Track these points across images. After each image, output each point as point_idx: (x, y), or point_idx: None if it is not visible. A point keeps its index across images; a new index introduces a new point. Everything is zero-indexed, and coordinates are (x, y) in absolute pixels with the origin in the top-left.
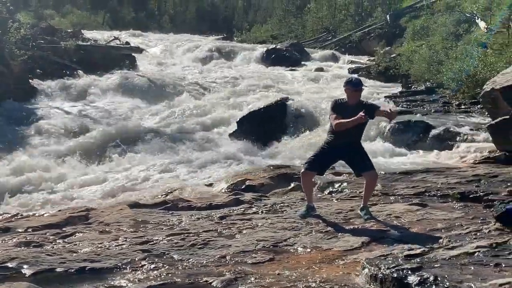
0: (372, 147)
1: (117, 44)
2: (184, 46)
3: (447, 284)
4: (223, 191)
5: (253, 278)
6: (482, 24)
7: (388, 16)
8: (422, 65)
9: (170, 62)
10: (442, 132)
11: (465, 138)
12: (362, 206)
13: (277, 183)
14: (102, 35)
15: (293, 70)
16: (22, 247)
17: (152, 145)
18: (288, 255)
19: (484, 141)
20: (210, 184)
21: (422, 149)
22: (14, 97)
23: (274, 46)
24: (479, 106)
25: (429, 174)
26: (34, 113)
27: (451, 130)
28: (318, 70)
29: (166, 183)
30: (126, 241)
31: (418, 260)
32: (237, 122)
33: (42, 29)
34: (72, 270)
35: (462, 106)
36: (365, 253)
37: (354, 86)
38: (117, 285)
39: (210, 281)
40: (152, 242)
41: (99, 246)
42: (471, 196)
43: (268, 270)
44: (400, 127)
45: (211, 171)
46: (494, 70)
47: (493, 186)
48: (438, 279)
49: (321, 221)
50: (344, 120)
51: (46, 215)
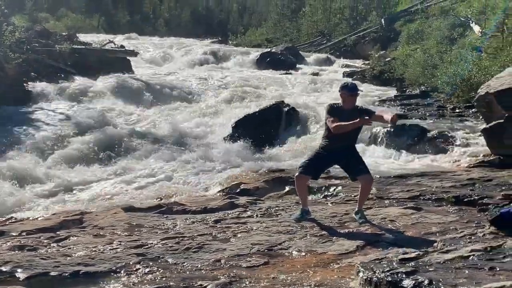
0: (366, 151)
1: (112, 47)
2: (179, 49)
3: (442, 287)
4: (218, 195)
5: (247, 282)
6: (476, 28)
7: (383, 20)
8: (416, 69)
9: (165, 66)
10: (436, 136)
11: (459, 142)
12: (357, 209)
13: (272, 187)
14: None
15: (288, 73)
16: (16, 251)
17: (146, 148)
18: (283, 259)
19: (478, 145)
20: (205, 187)
21: (417, 153)
22: (8, 100)
23: (269, 49)
24: (474, 110)
25: (423, 178)
26: (28, 116)
27: (446, 134)
28: (313, 74)
29: (160, 187)
30: (120, 245)
31: (413, 263)
32: (232, 125)
33: (37, 32)
34: (66, 274)
35: (457, 110)
36: (359, 256)
37: (350, 90)
38: None
39: (204, 285)
40: (146, 246)
41: (93, 250)
42: (466, 200)
43: (263, 274)
44: (394, 131)
45: (206, 175)
46: (488, 74)
47: (487, 190)
48: (433, 283)
49: (316, 224)
50: (343, 123)
51: (40, 219)
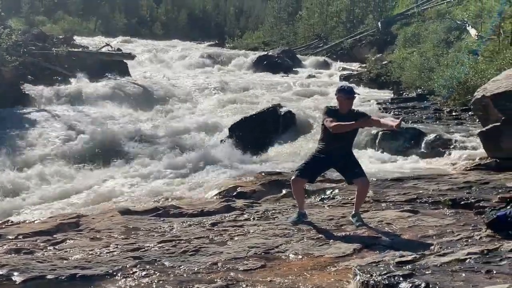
0: (363, 154)
1: (108, 50)
2: (176, 52)
3: None
4: (215, 198)
5: (244, 285)
6: (473, 31)
7: (379, 23)
8: (413, 72)
9: (162, 69)
10: (433, 139)
11: (456, 145)
12: (353, 212)
13: (268, 190)
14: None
15: (284, 76)
16: (13, 254)
17: (143, 151)
18: (279, 262)
19: (475, 148)
20: (202, 190)
21: (414, 156)
22: (5, 103)
23: (266, 52)
24: (470, 113)
25: (420, 181)
26: (25, 119)
27: (442, 137)
28: (309, 77)
29: (157, 190)
30: (117, 248)
31: (410, 267)
32: (229, 128)
33: (34, 35)
34: (62, 277)
35: (453, 113)
36: (356, 260)
37: (346, 94)
38: None
39: None
40: (143, 249)
41: (90, 253)
42: (463, 203)
43: (259, 277)
44: (391, 134)
45: (203, 178)
46: (485, 77)
47: (484, 193)
48: (430, 286)
49: (312, 227)
50: (342, 122)
51: (36, 222)
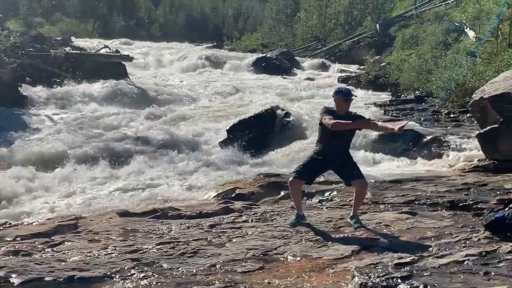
0: (361, 156)
1: (106, 52)
2: (174, 54)
3: None
4: (213, 200)
5: (243, 287)
6: (471, 33)
7: (378, 25)
8: (411, 74)
9: (160, 71)
10: (431, 140)
11: (454, 146)
12: (352, 214)
13: (267, 192)
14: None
15: (283, 78)
16: (11, 256)
17: (141, 153)
18: (278, 264)
19: (473, 150)
20: (200, 192)
21: (412, 157)
22: (3, 104)
23: (264, 54)
24: (468, 115)
25: (418, 183)
26: (23, 120)
27: (441, 138)
28: (308, 78)
29: (155, 192)
30: (115, 249)
31: (408, 268)
32: (227, 130)
33: (32, 37)
34: (61, 279)
35: (452, 115)
36: (355, 261)
37: (344, 95)
38: None
39: None
40: (141, 251)
41: (88, 255)
42: (461, 204)
43: (258, 279)
44: (389, 136)
45: (201, 180)
46: (483, 79)
47: (482, 194)
48: None
49: (311, 229)
50: (342, 120)
51: (34, 224)
